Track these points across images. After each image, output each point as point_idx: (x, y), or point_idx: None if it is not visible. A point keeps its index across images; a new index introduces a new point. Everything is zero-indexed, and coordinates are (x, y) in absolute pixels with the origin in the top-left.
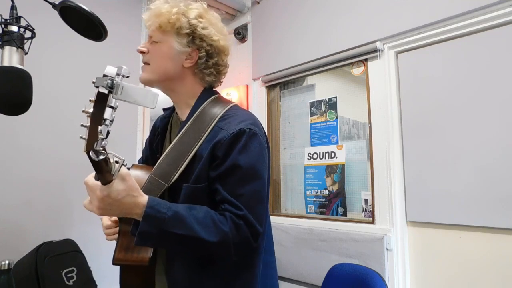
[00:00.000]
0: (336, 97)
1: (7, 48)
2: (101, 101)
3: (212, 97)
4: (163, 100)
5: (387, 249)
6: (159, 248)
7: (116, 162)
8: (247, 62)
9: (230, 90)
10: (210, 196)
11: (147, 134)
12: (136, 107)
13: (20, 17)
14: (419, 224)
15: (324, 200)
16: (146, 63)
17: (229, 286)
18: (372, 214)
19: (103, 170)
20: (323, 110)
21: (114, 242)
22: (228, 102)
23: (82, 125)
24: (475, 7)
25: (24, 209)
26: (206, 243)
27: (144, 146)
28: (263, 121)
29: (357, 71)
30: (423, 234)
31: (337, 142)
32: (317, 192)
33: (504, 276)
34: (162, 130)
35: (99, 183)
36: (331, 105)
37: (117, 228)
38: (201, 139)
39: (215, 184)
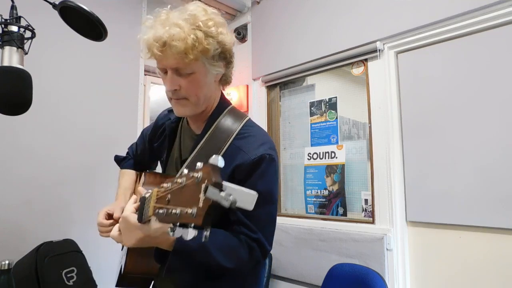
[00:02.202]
0: (336, 97)
1: (7, 48)
2: (210, 211)
3: (227, 109)
4: (165, 100)
5: (387, 249)
6: (183, 276)
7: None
8: (247, 62)
9: (230, 90)
10: (224, 217)
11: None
12: (136, 107)
13: (20, 17)
14: (419, 224)
15: (324, 200)
16: (183, 99)
17: None
18: (372, 214)
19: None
20: (323, 110)
21: (114, 243)
22: (242, 115)
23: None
24: (475, 7)
25: (24, 209)
26: (225, 269)
27: (140, 135)
28: (263, 121)
29: (357, 71)
30: (423, 234)
31: (337, 142)
32: (317, 192)
33: (504, 276)
34: (170, 134)
35: (138, 222)
36: (331, 105)
37: (109, 228)
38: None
39: None
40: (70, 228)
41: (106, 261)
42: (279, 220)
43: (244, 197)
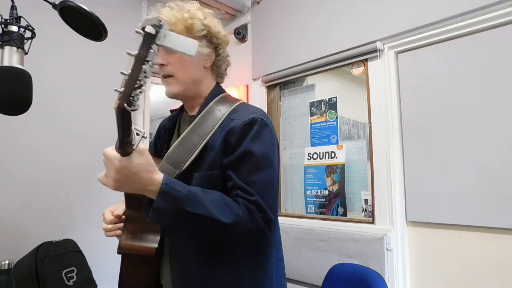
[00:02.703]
0: (336, 97)
1: (7, 48)
2: (147, 42)
3: (221, 95)
4: (166, 101)
5: (387, 249)
6: (172, 227)
7: (137, 134)
8: (247, 62)
9: (230, 90)
10: (222, 183)
11: (147, 134)
12: None
13: (20, 17)
14: (419, 224)
15: (324, 200)
16: (168, 76)
17: (239, 278)
18: (372, 214)
19: (126, 136)
20: (323, 110)
21: (114, 243)
22: (237, 99)
23: (121, 73)
24: (475, 7)
25: (24, 209)
26: (220, 224)
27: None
28: None
29: (357, 71)
30: (423, 234)
31: (337, 142)
32: (317, 192)
33: (504, 276)
34: (170, 127)
35: (118, 154)
36: (331, 105)
37: (118, 225)
38: (212, 130)
39: (227, 171)
40: (70, 228)
41: (106, 261)
42: (279, 220)
43: (183, 41)
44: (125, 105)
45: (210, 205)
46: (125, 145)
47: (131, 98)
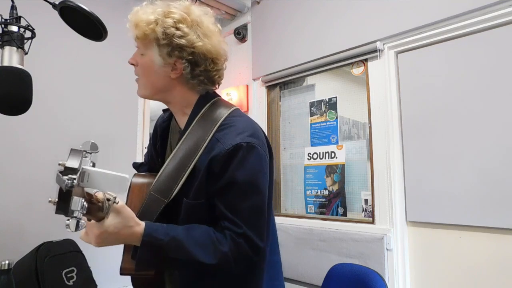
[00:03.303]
0: (336, 97)
1: (7, 48)
2: (65, 197)
3: (210, 103)
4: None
5: (387, 249)
6: (161, 269)
7: (108, 199)
8: (247, 62)
9: (230, 90)
10: (209, 211)
11: (147, 133)
12: (136, 108)
13: (20, 17)
14: (419, 224)
15: (324, 200)
16: (137, 76)
17: None
18: (372, 214)
19: (92, 213)
20: (323, 110)
21: None
22: (228, 106)
23: (49, 201)
24: (475, 7)
25: (24, 209)
26: (206, 266)
27: (149, 142)
28: (263, 121)
29: (357, 71)
30: (423, 234)
31: (337, 142)
32: (317, 192)
33: (504, 276)
34: (162, 134)
35: (93, 221)
36: (331, 105)
37: None
38: (199, 150)
39: (213, 200)
40: None
41: (106, 261)
42: (279, 220)
43: (110, 180)
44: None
45: (194, 247)
46: (95, 217)
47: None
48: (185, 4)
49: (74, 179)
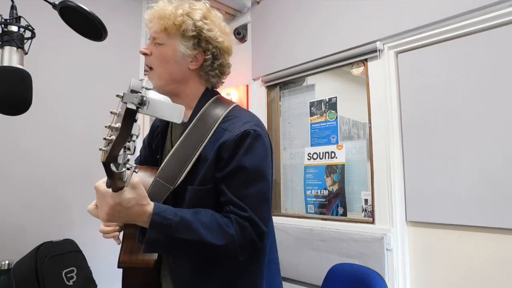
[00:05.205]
0: (336, 97)
1: (7, 48)
2: (129, 118)
3: (214, 98)
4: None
5: (387, 249)
6: (167, 254)
7: (128, 169)
8: (247, 62)
9: (230, 90)
10: (215, 198)
11: (146, 133)
12: None
13: (20, 17)
14: (419, 224)
15: (324, 200)
16: (149, 67)
17: (236, 286)
18: (372, 214)
19: (116, 177)
20: (323, 110)
21: (114, 243)
22: (230, 102)
23: (104, 139)
24: (475, 7)
25: (24, 209)
26: (213, 247)
27: (142, 145)
28: (263, 121)
29: (357, 71)
30: (423, 234)
31: (337, 142)
32: (317, 192)
33: (504, 276)
34: (162, 130)
35: (110, 190)
36: (331, 105)
37: (113, 234)
38: (205, 140)
39: (220, 185)
40: (70, 228)
41: (106, 261)
42: (279, 220)
43: (167, 107)
44: (112, 166)
45: (202, 228)
46: (115, 182)
47: (117, 163)
48: (204, 4)
49: (144, 97)
